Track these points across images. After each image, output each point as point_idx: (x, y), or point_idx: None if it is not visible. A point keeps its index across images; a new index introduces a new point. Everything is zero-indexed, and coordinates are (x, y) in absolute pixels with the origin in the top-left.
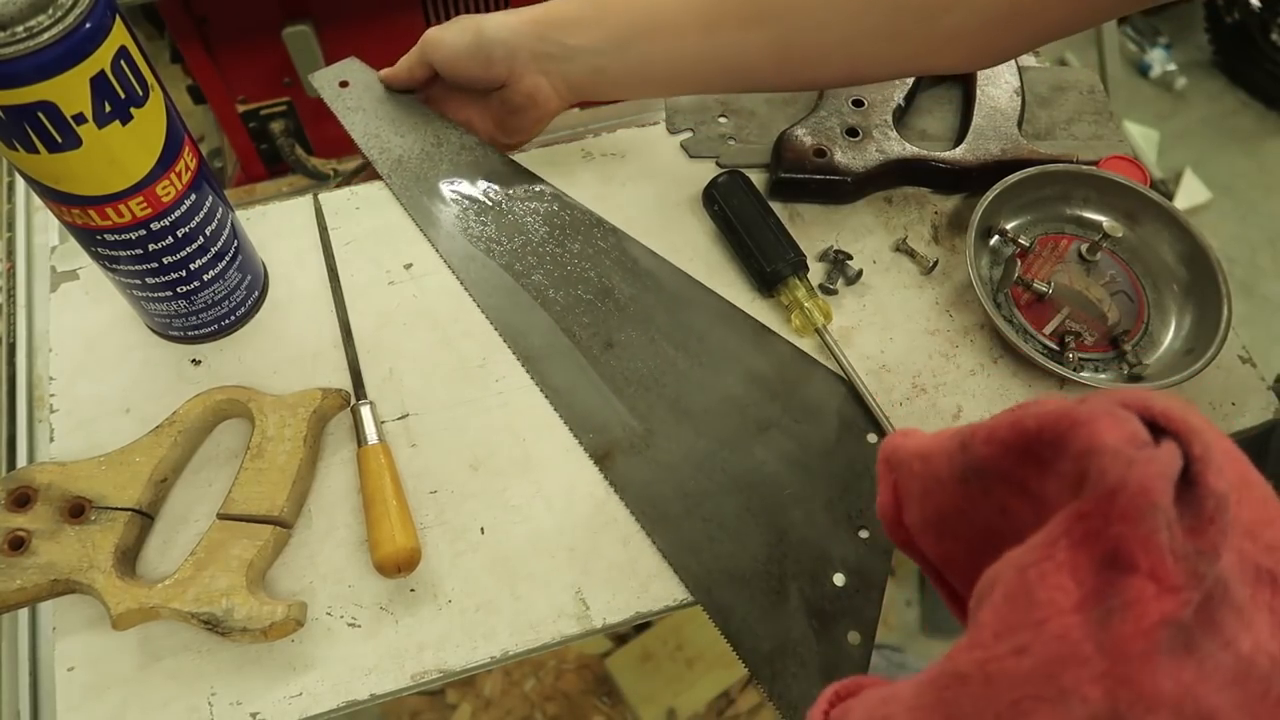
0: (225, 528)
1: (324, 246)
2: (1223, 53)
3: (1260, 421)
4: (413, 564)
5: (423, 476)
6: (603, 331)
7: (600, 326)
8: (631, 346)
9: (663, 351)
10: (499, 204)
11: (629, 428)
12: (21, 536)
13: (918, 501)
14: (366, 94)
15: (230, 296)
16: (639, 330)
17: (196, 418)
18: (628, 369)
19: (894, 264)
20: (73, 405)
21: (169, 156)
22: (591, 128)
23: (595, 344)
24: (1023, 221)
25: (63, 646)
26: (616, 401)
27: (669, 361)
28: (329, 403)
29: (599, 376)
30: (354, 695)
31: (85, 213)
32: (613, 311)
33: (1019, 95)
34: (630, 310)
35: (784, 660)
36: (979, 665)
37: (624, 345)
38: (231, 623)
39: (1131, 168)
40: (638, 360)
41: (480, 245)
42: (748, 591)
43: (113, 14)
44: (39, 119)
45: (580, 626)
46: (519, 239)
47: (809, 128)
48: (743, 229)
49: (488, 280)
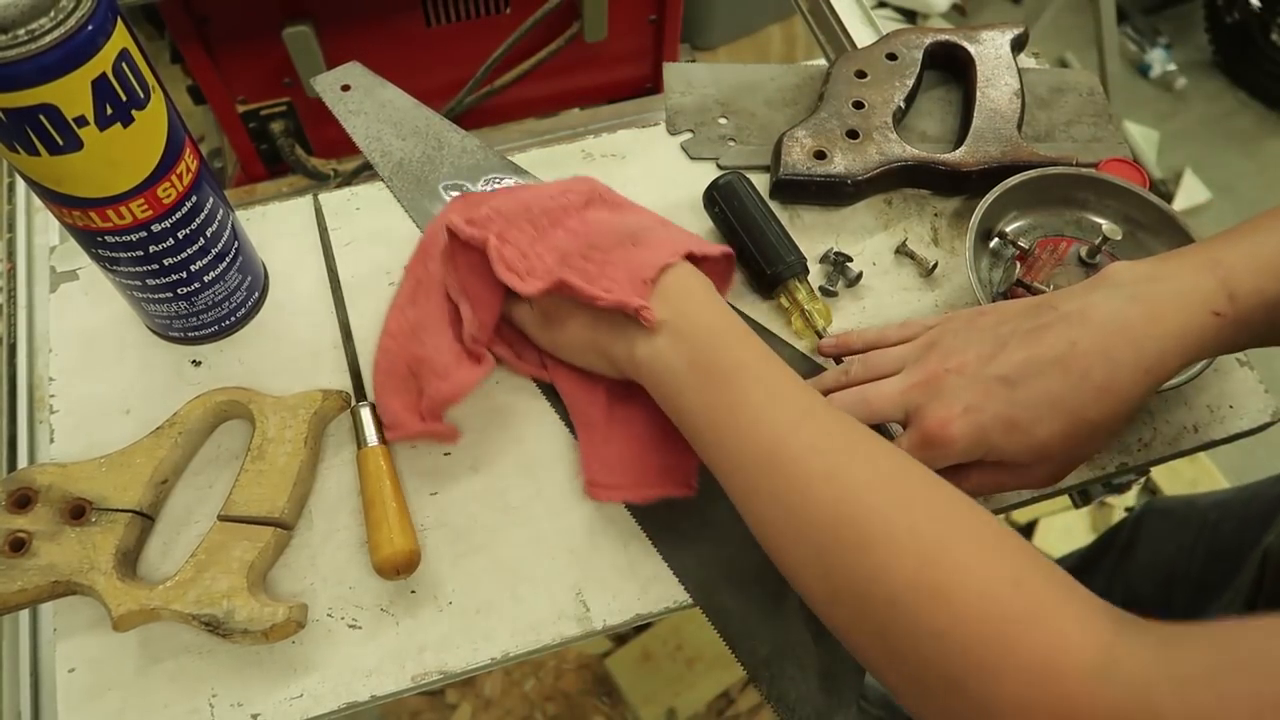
0: (226, 529)
1: (324, 247)
2: (1223, 53)
3: (1258, 424)
4: (412, 566)
5: (424, 478)
6: None
7: None
8: None
9: None
10: None
11: None
12: (22, 538)
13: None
14: (368, 98)
15: (231, 297)
16: None
17: (197, 419)
18: None
19: (894, 266)
20: (73, 406)
21: (170, 158)
22: (592, 128)
23: None
24: (1023, 224)
25: (63, 648)
26: None
27: None
28: (330, 404)
29: None
30: (355, 697)
31: (86, 214)
32: None
33: (1019, 97)
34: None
35: (782, 663)
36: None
37: None
38: (232, 624)
39: (1131, 170)
40: None
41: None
42: (746, 594)
43: (114, 17)
44: (40, 121)
45: (580, 628)
46: None
47: (809, 129)
48: (743, 231)
49: None
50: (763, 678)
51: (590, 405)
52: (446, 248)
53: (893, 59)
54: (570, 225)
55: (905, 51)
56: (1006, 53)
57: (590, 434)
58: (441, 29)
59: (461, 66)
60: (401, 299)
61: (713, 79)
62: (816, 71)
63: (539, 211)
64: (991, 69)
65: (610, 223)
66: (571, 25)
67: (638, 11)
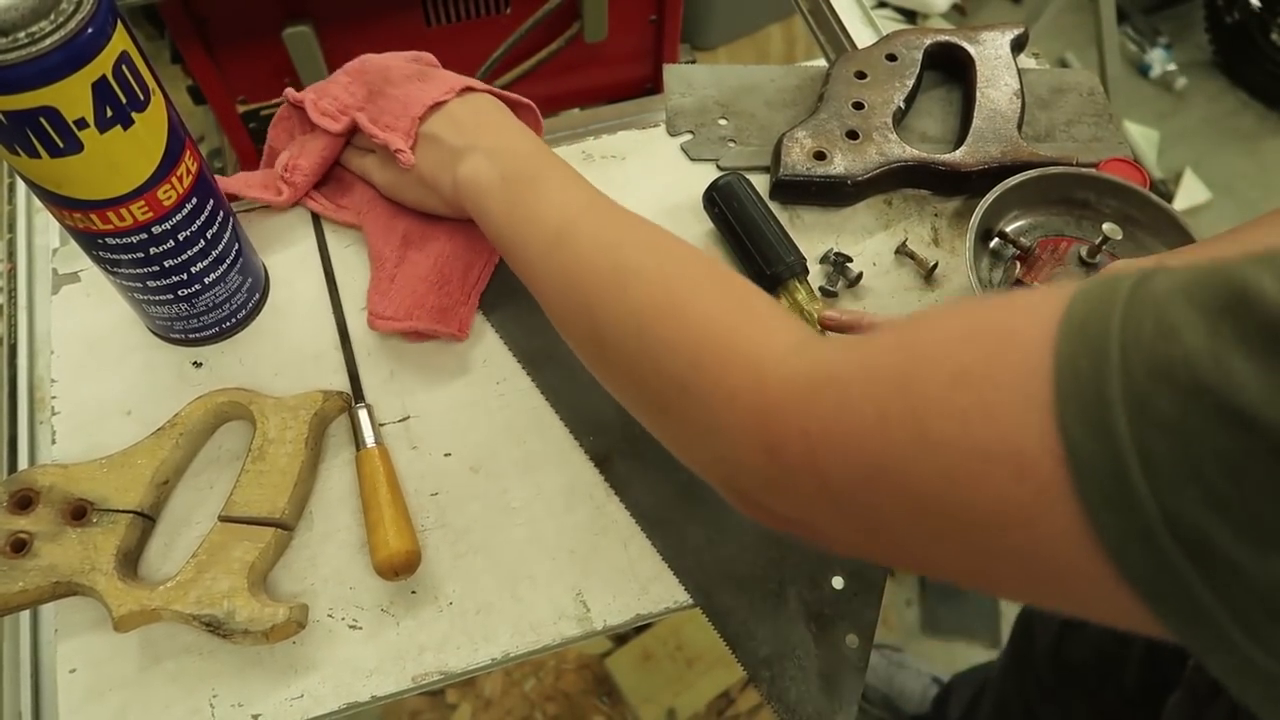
0: (227, 530)
1: (320, 249)
2: (1223, 53)
3: None
4: (411, 567)
5: (424, 479)
6: None
7: None
8: None
9: None
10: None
11: (629, 430)
12: (23, 539)
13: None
14: None
15: (231, 299)
16: None
17: (198, 420)
18: None
19: (894, 266)
20: (74, 407)
21: (170, 161)
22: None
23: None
24: (1023, 224)
25: (64, 648)
26: (617, 404)
27: None
28: (330, 405)
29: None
30: (355, 697)
31: (87, 217)
32: None
33: (1019, 97)
34: None
35: (782, 663)
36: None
37: None
38: (233, 625)
39: (1131, 170)
40: None
41: None
42: (747, 595)
43: (114, 19)
44: (41, 124)
45: (581, 628)
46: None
47: (809, 130)
48: (743, 231)
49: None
50: (763, 678)
51: (385, 245)
52: (283, 109)
53: (892, 60)
54: (381, 73)
55: (905, 52)
56: (1006, 53)
57: (380, 273)
58: (441, 29)
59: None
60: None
61: (713, 80)
62: (816, 72)
63: (374, 70)
64: (991, 69)
65: (405, 67)
66: (571, 25)
67: (638, 12)
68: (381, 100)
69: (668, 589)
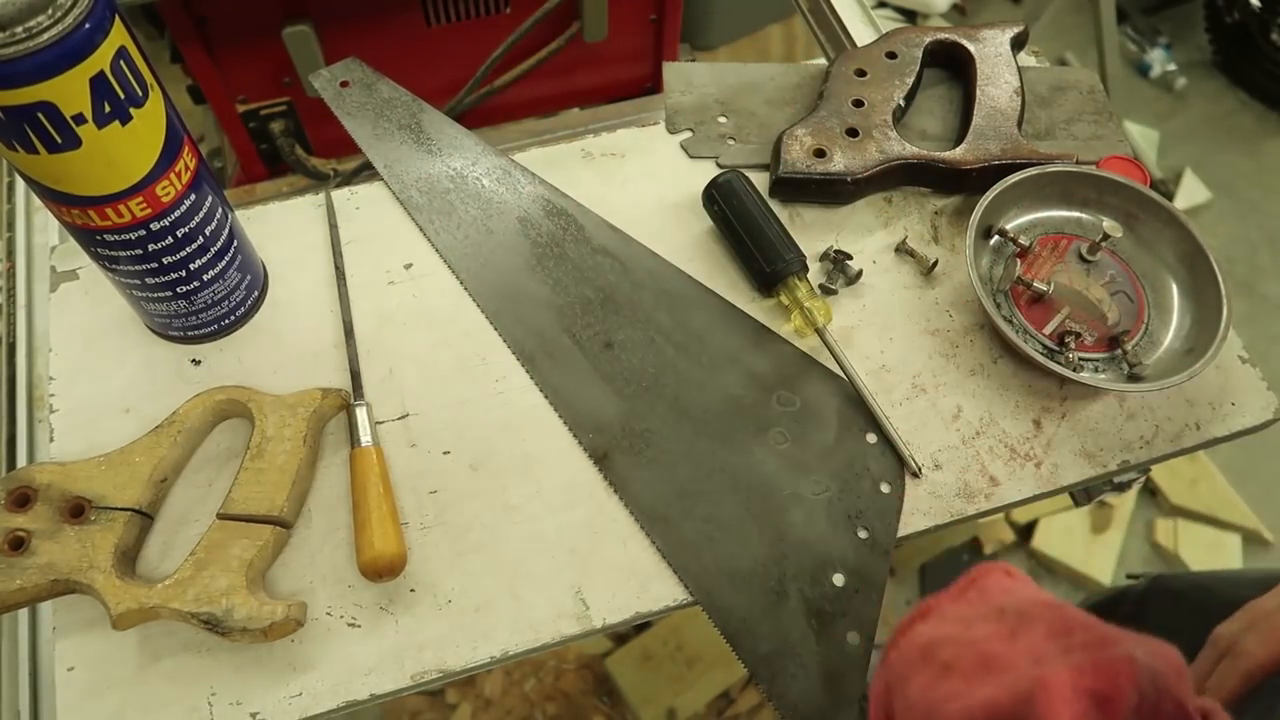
0: (225, 528)
1: (333, 244)
2: (1223, 53)
3: (1260, 422)
4: (395, 570)
5: (423, 476)
6: (602, 331)
7: (600, 326)
8: (631, 346)
9: (662, 351)
10: (500, 204)
11: (628, 428)
12: (21, 536)
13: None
14: (368, 94)
15: (230, 296)
16: (638, 330)
17: (196, 418)
18: (627, 369)
19: (894, 264)
20: (72, 405)
21: (168, 157)
22: (592, 127)
23: (595, 344)
24: (1023, 221)
25: (62, 646)
26: (616, 401)
27: (669, 361)
28: (329, 402)
29: (599, 376)
30: (354, 695)
31: (85, 213)
32: (612, 311)
33: (1019, 95)
34: (630, 310)
35: (783, 661)
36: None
37: (623, 345)
38: (231, 623)
39: (1131, 168)
40: (637, 360)
41: (480, 245)
42: (747, 592)
43: (112, 14)
44: (38, 119)
45: (580, 627)
46: (519, 239)
47: (809, 128)
48: (743, 229)
49: (488, 280)
50: (763, 676)
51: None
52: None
53: (893, 57)
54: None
55: (905, 50)
56: (1006, 51)
57: None
58: (441, 28)
59: (462, 66)
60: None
61: (713, 78)
62: (816, 71)
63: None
64: (992, 67)
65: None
66: (571, 25)
67: (638, 11)
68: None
69: (667, 587)
